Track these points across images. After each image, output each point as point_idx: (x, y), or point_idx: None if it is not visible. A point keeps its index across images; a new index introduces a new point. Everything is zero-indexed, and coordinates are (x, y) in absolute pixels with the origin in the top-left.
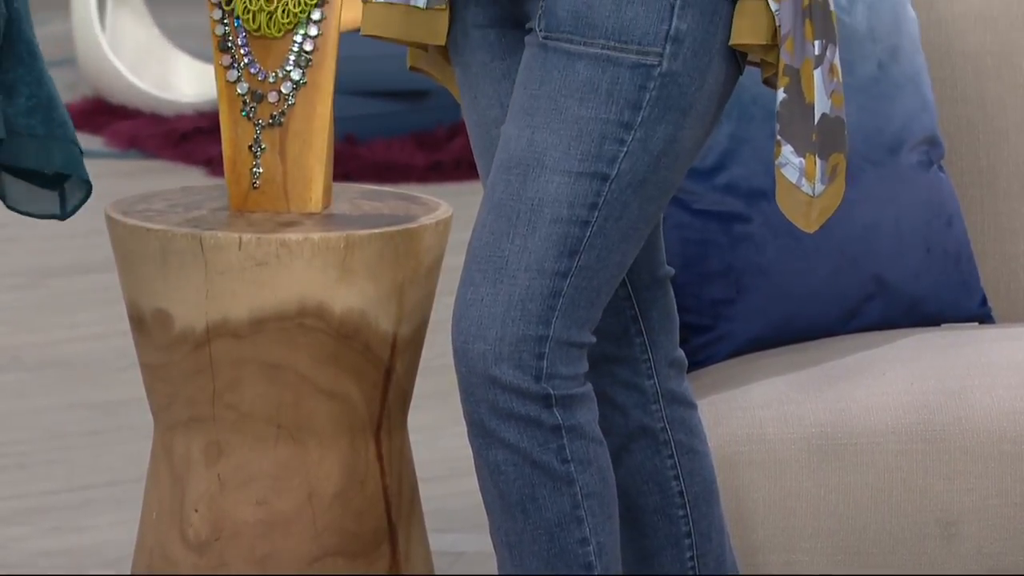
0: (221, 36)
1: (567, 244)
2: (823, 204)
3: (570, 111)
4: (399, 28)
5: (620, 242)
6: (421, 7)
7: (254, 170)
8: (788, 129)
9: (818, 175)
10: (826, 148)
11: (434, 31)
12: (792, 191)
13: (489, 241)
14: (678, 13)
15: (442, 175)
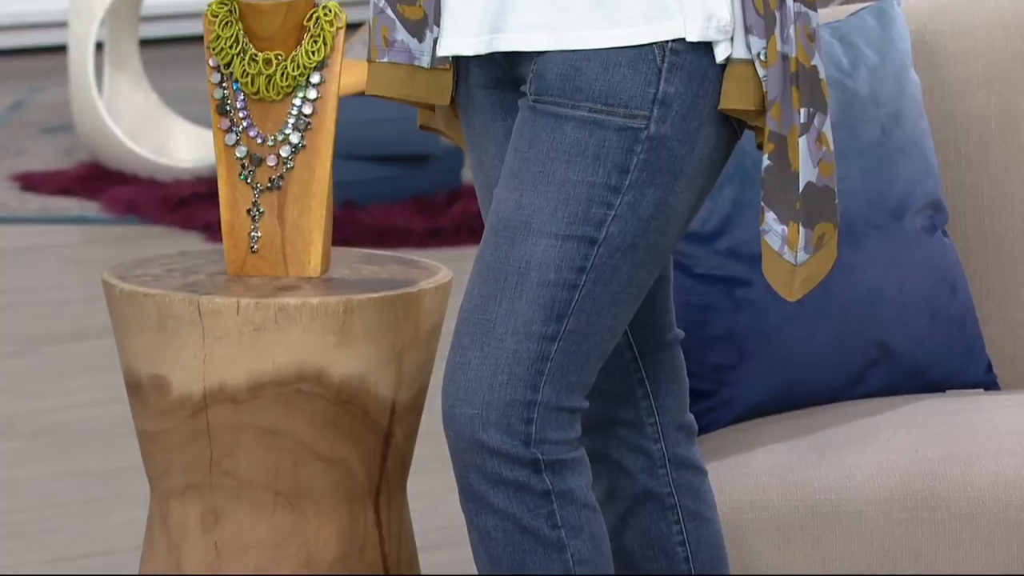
0: (220, 99)
1: (554, 308)
2: (807, 273)
3: (557, 174)
4: (404, 88)
5: (610, 306)
6: (425, 67)
7: (252, 234)
8: (772, 196)
9: (801, 243)
10: (812, 217)
11: (439, 90)
12: (775, 259)
13: (477, 304)
14: (666, 76)
15: (442, 240)
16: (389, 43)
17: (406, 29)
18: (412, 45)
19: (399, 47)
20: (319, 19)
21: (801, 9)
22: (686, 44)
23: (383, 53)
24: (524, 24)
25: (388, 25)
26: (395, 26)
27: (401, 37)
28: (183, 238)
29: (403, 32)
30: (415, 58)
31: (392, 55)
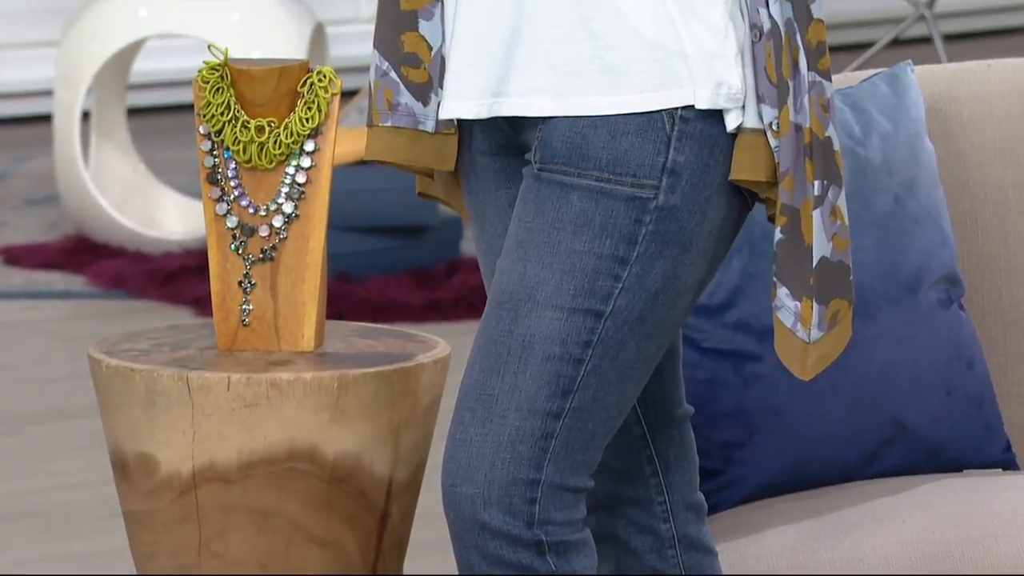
0: (210, 168)
1: (559, 383)
2: (820, 351)
3: (563, 244)
4: (407, 152)
5: (617, 382)
6: (429, 131)
7: (244, 307)
8: (784, 271)
9: (815, 321)
10: (825, 293)
11: (443, 156)
12: (787, 336)
13: (479, 379)
14: (675, 145)
15: (440, 314)
16: (392, 106)
17: (410, 92)
18: (416, 109)
19: (403, 111)
20: (313, 85)
21: (815, 78)
22: (696, 112)
23: (386, 117)
24: (528, 88)
25: (392, 88)
26: (399, 89)
27: (405, 100)
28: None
29: (407, 95)
30: (419, 122)
31: (395, 119)
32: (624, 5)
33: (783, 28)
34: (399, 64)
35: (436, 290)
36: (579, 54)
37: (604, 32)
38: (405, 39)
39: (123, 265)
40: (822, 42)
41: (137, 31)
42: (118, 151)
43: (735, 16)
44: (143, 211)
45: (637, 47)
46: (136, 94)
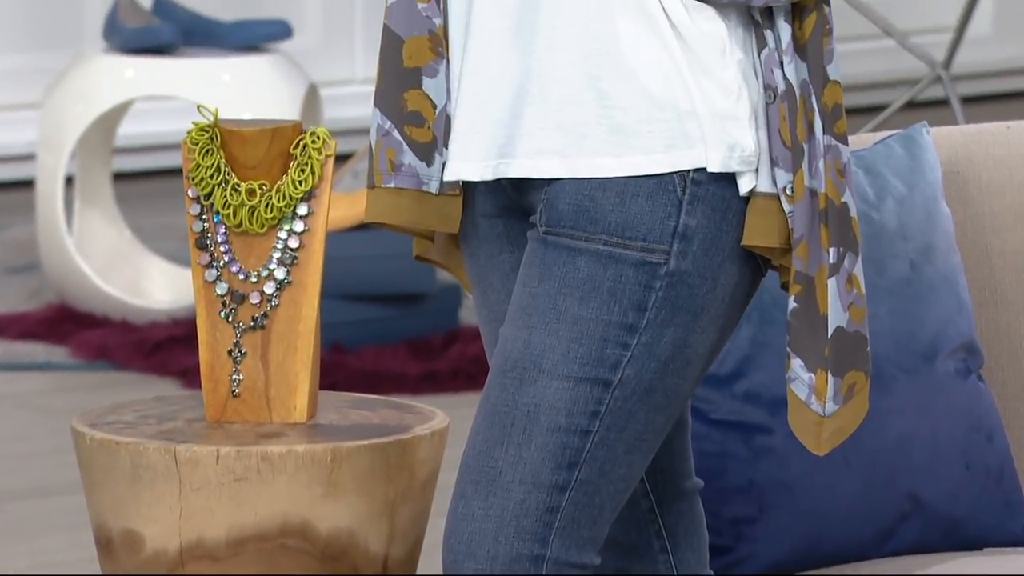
0: (199, 233)
1: (565, 455)
2: (836, 425)
3: (570, 311)
4: (410, 214)
5: (625, 454)
6: (434, 192)
7: (234, 377)
8: (798, 341)
9: (830, 393)
10: (841, 365)
11: (447, 218)
12: (801, 409)
13: (482, 450)
14: (686, 209)
15: (438, 386)
16: (395, 167)
17: (414, 152)
18: (420, 169)
19: (406, 171)
20: (306, 146)
21: (831, 142)
22: (708, 175)
23: (388, 178)
24: (535, 150)
25: (394, 148)
26: (402, 149)
27: (408, 161)
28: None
29: (411, 155)
30: (423, 183)
31: (398, 180)
32: (634, 63)
33: (798, 90)
34: (402, 123)
35: (434, 361)
36: (587, 114)
37: (613, 92)
38: (408, 97)
39: (108, 335)
40: (838, 104)
41: (123, 93)
42: (103, 217)
43: (749, 76)
44: (129, 279)
45: (647, 107)
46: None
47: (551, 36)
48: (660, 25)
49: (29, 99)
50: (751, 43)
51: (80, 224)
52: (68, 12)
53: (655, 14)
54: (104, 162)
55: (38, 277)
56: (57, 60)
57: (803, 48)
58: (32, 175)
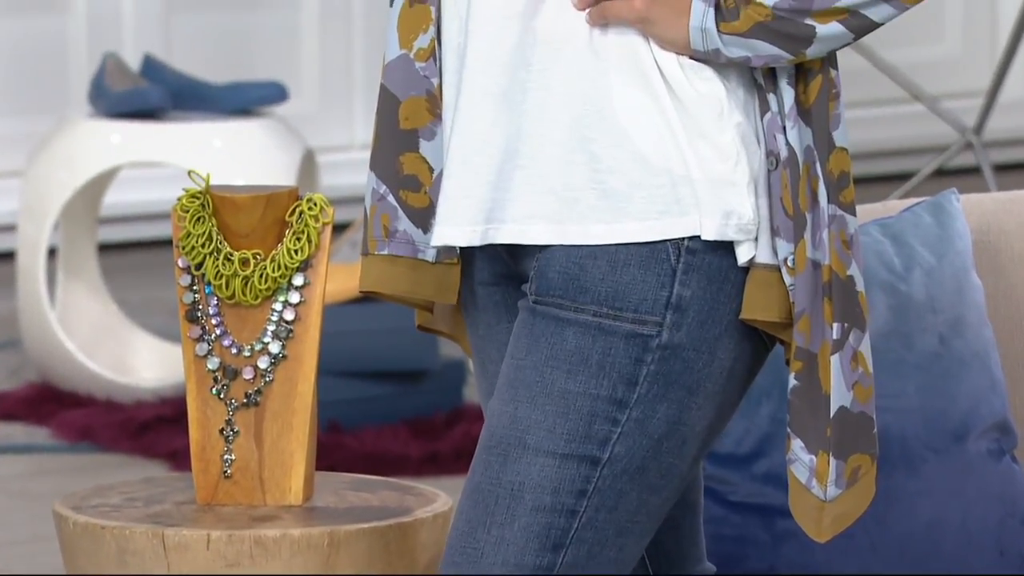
0: (190, 305)
1: (551, 536)
2: (838, 511)
3: (557, 384)
4: (406, 283)
5: (615, 537)
6: (430, 260)
7: (225, 457)
8: (799, 421)
9: (831, 477)
10: (844, 447)
11: (445, 287)
12: (802, 493)
13: (464, 531)
14: (680, 279)
15: (440, 468)
16: (390, 234)
17: (409, 218)
18: (416, 236)
19: (401, 238)
20: (303, 213)
21: (836, 212)
22: (704, 243)
23: (383, 245)
24: (524, 214)
25: (389, 214)
26: (397, 215)
27: (404, 227)
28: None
29: (406, 222)
30: (419, 251)
31: (393, 247)
32: (627, 126)
33: (801, 156)
34: (398, 187)
35: (436, 441)
36: (578, 178)
37: (605, 155)
38: (404, 160)
39: (92, 415)
40: (845, 172)
41: (109, 159)
42: (87, 290)
43: (749, 141)
44: (114, 356)
45: (640, 172)
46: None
47: (542, 96)
48: (655, 85)
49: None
50: (753, 106)
51: (63, 298)
52: (52, 74)
53: (650, 74)
54: (89, 232)
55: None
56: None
57: (807, 112)
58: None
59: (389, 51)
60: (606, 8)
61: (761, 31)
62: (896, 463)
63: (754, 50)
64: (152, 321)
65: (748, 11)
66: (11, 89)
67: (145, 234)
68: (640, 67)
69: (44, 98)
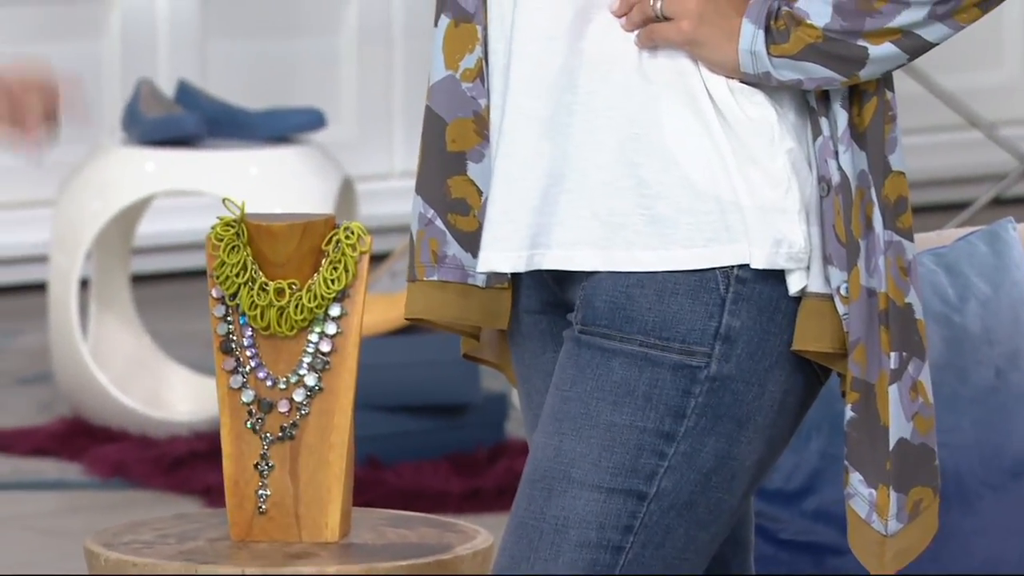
0: (224, 336)
1: (595, 574)
2: (900, 546)
3: (602, 417)
4: (455, 310)
5: (663, 573)
6: (480, 286)
7: (260, 492)
8: (857, 454)
9: (892, 511)
10: (905, 480)
11: (495, 314)
12: (862, 527)
13: (507, 567)
14: (730, 308)
15: (482, 505)
16: (439, 259)
17: (458, 242)
18: (465, 261)
19: (450, 263)
20: (339, 242)
21: (893, 238)
22: (754, 272)
23: (431, 270)
24: (570, 240)
25: (438, 238)
26: (446, 239)
27: (453, 252)
28: (179, 504)
29: (455, 246)
30: (468, 276)
31: (442, 272)
32: (675, 151)
33: (855, 181)
34: (446, 211)
35: (477, 477)
36: (625, 203)
37: (652, 180)
38: (452, 184)
39: (124, 451)
40: (903, 197)
41: (143, 188)
42: (120, 322)
43: (800, 167)
44: (148, 390)
45: (688, 197)
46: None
47: (589, 119)
48: (704, 110)
49: (42, 195)
50: (805, 131)
51: (96, 330)
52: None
53: (699, 97)
54: (122, 263)
55: (50, 388)
56: (72, 153)
57: (862, 136)
58: (45, 278)
59: (434, 72)
60: (654, 30)
61: (812, 53)
62: (951, 500)
63: (806, 72)
64: (186, 353)
65: (798, 33)
66: None
67: (179, 264)
68: (689, 91)
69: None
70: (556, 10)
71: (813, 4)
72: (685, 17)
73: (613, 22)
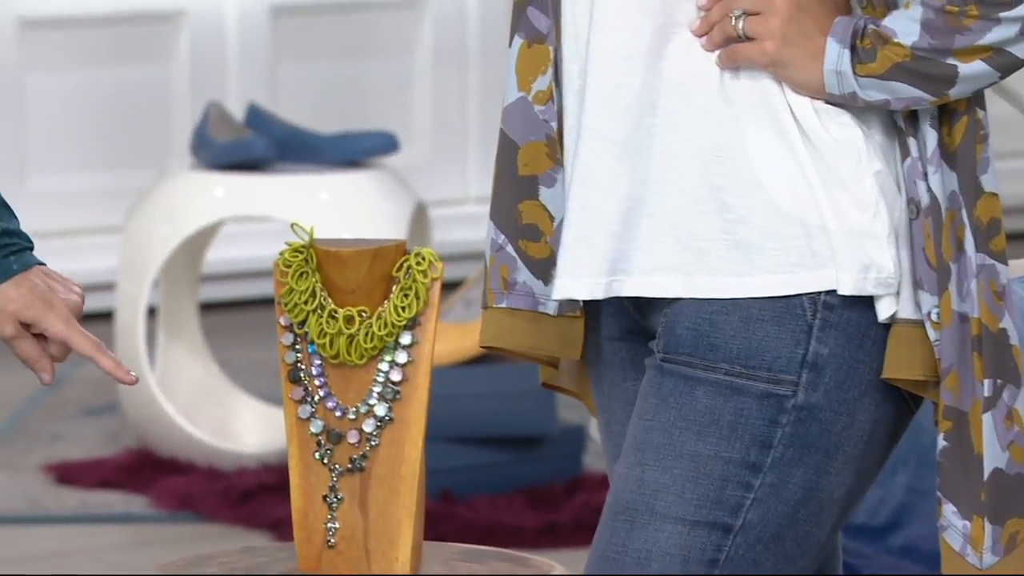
0: (292, 365)
1: None
2: None
3: (686, 447)
4: (526, 338)
5: None
6: (552, 314)
7: (329, 525)
8: (950, 484)
9: (987, 543)
10: (1001, 511)
11: (568, 342)
12: (956, 561)
13: None
14: (817, 335)
15: (559, 540)
16: (509, 285)
17: (529, 269)
18: (536, 288)
19: (520, 290)
20: (411, 268)
21: (986, 261)
22: (842, 298)
23: (501, 297)
24: (651, 266)
25: (508, 264)
26: (516, 265)
27: (523, 279)
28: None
29: (526, 273)
30: (539, 303)
31: (512, 299)
32: (760, 174)
33: (945, 203)
34: (517, 237)
35: (554, 511)
36: (708, 228)
37: (736, 204)
38: (524, 209)
39: (192, 483)
40: (995, 219)
41: (212, 213)
42: (188, 351)
43: (889, 189)
44: (216, 420)
45: (774, 222)
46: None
47: (669, 141)
48: (789, 131)
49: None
50: (893, 152)
51: (163, 359)
52: (153, 124)
53: (784, 119)
54: (190, 290)
55: (117, 419)
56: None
57: (952, 156)
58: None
59: (508, 94)
60: (736, 51)
61: (900, 72)
62: None
63: (893, 92)
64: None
65: (885, 51)
66: (110, 140)
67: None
68: (773, 112)
69: (144, 149)
70: (634, 30)
71: (900, 22)
72: (768, 37)
73: (693, 42)
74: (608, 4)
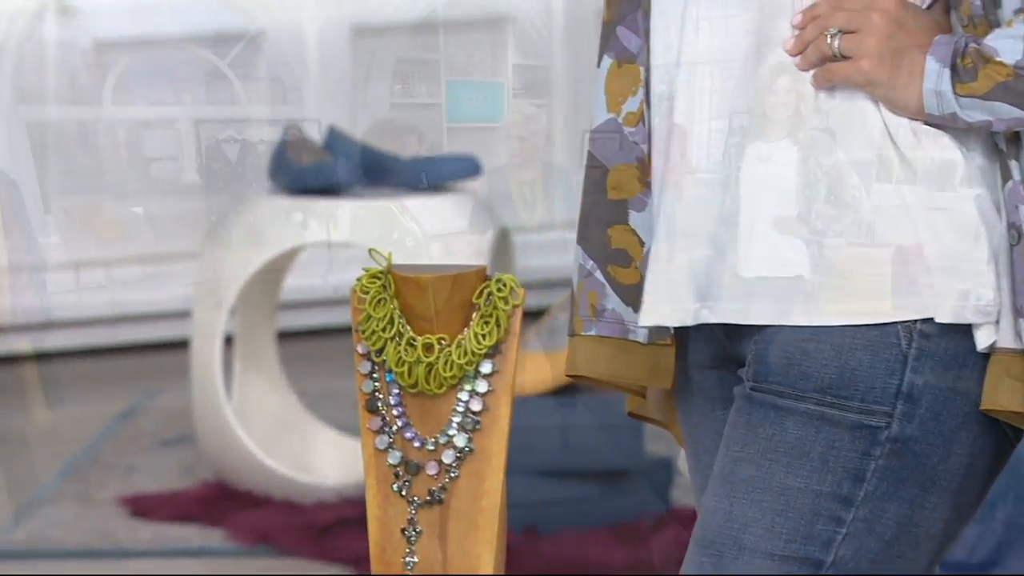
0: (370, 394)
1: None
2: None
3: (775, 479)
4: (615, 366)
5: None
6: (642, 342)
7: (407, 559)
8: None
9: None
10: None
11: (658, 371)
12: None
13: None
14: (912, 365)
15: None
16: (597, 312)
17: (619, 295)
18: (626, 315)
19: (609, 317)
20: (491, 295)
21: None
22: (938, 326)
23: (589, 324)
24: (741, 292)
25: (597, 291)
26: (605, 292)
27: (612, 306)
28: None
29: (615, 299)
30: (629, 331)
31: (600, 327)
32: (855, 197)
33: None
34: (606, 262)
35: (642, 548)
36: (799, 253)
37: (830, 229)
38: (613, 233)
39: (270, 517)
40: None
41: (291, 239)
42: (266, 381)
43: (989, 214)
44: (294, 453)
45: (868, 247)
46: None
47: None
48: (886, 153)
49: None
50: (994, 175)
51: (240, 389)
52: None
53: (880, 141)
54: (268, 318)
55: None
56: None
57: None
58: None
59: (596, 115)
60: (832, 70)
61: (1003, 92)
62: None
63: (995, 113)
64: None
65: (987, 71)
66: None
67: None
68: (869, 133)
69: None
70: (726, 48)
71: (1003, 40)
72: (865, 56)
73: (788, 61)
74: (700, 21)
